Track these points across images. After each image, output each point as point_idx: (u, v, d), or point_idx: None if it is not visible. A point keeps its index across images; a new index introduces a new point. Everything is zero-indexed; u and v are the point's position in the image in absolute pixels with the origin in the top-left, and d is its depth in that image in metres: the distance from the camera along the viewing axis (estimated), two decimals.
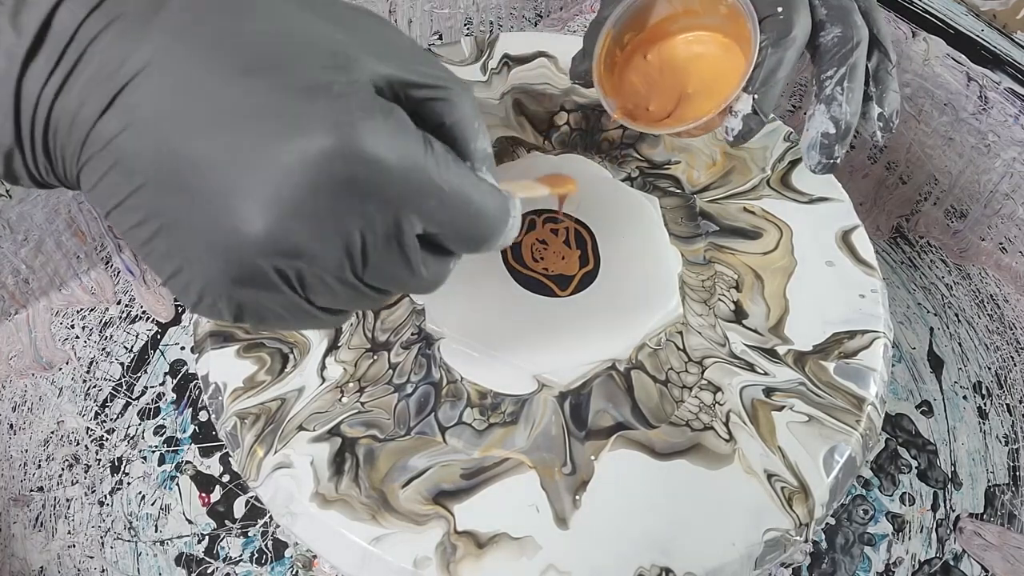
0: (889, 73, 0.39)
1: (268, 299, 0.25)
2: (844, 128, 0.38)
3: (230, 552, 0.43)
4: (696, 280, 0.41)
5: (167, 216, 0.23)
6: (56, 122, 0.23)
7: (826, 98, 0.38)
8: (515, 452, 0.35)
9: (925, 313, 0.54)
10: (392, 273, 0.26)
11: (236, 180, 0.22)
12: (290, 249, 0.23)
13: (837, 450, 0.35)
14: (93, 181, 0.23)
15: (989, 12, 0.51)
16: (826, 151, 0.39)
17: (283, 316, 0.26)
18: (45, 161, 0.24)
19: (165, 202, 0.23)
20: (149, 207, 0.23)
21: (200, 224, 0.23)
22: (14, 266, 0.49)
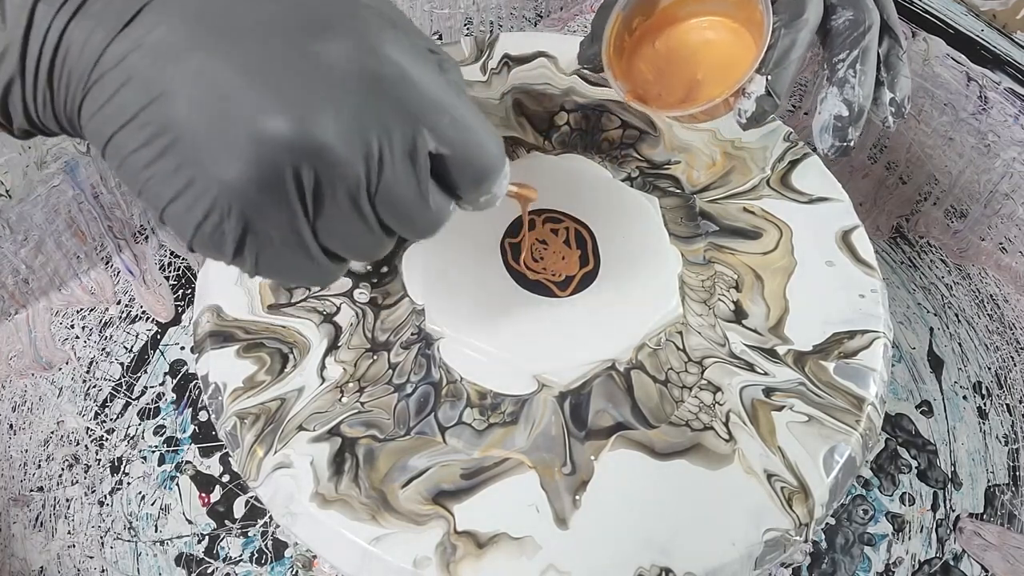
0: (900, 58, 0.39)
1: (275, 219, 0.24)
2: (857, 111, 0.38)
3: (230, 552, 0.43)
4: (696, 280, 0.41)
5: (181, 127, 0.23)
6: (66, 47, 0.23)
7: (839, 81, 0.38)
8: (515, 452, 0.35)
9: (925, 313, 0.54)
10: (402, 195, 0.25)
11: (263, 80, 0.22)
12: (314, 148, 0.23)
13: (837, 450, 0.35)
14: (100, 102, 0.23)
15: (989, 12, 0.51)
16: (839, 134, 0.39)
17: (283, 251, 0.25)
18: (46, 90, 0.24)
19: (180, 112, 0.23)
20: (162, 120, 0.23)
21: (218, 129, 0.23)
22: (14, 266, 0.49)
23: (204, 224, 0.24)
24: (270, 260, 0.25)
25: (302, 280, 0.27)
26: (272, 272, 0.26)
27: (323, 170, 0.23)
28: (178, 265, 0.53)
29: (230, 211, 0.23)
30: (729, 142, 0.46)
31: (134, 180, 0.24)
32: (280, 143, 0.22)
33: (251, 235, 0.24)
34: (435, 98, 0.25)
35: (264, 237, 0.25)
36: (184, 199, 0.23)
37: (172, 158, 0.23)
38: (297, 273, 0.27)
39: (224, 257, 0.25)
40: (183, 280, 0.53)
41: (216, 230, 0.24)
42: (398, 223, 0.26)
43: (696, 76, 0.42)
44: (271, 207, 0.24)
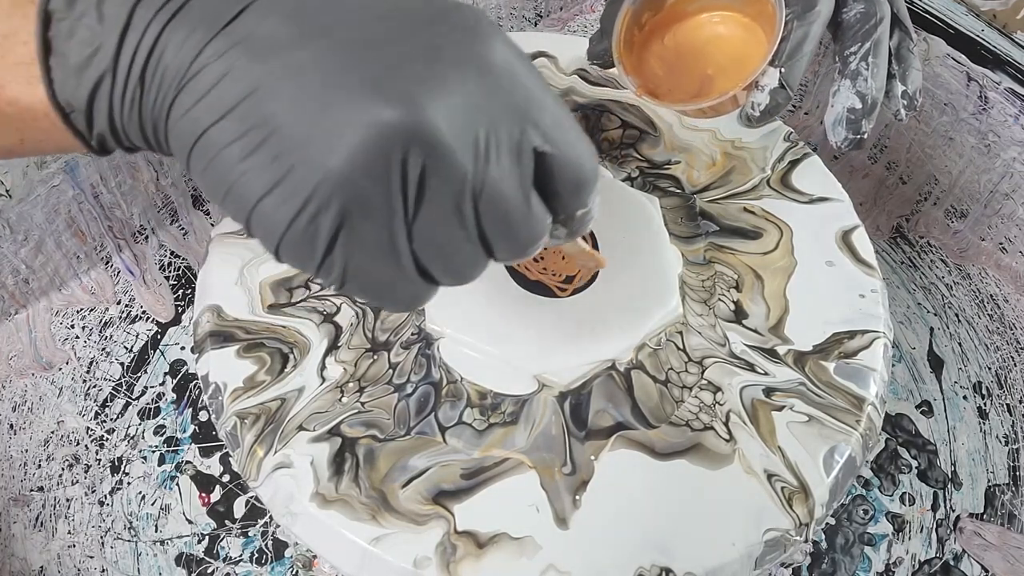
0: (911, 51, 0.39)
1: (374, 214, 0.23)
2: (871, 103, 0.38)
3: (230, 552, 0.43)
4: (696, 280, 0.41)
5: (282, 118, 0.22)
6: (163, 46, 0.23)
7: (851, 73, 0.38)
8: (515, 452, 0.35)
9: (925, 313, 0.54)
10: (507, 195, 0.24)
11: (370, 67, 0.22)
12: (424, 135, 0.22)
13: (837, 450, 0.35)
14: (196, 97, 0.23)
15: (989, 12, 0.51)
16: (853, 126, 0.39)
17: (375, 256, 0.24)
18: (136, 89, 0.24)
19: (282, 103, 0.22)
20: (262, 111, 0.22)
21: (323, 117, 0.22)
22: (14, 266, 0.49)
23: (299, 217, 0.23)
24: (360, 266, 0.24)
25: (387, 297, 0.26)
26: (359, 281, 0.25)
27: (431, 160, 0.22)
28: (178, 265, 0.53)
29: (329, 202, 0.23)
30: (729, 142, 0.46)
31: (226, 176, 0.23)
32: (389, 128, 0.22)
33: (345, 232, 0.23)
34: (539, 95, 0.24)
35: (358, 236, 0.23)
36: (280, 191, 0.23)
37: (270, 149, 0.22)
38: (384, 286, 0.25)
39: (313, 259, 0.24)
40: (183, 280, 0.53)
41: (310, 225, 0.23)
42: (498, 230, 0.25)
43: (707, 71, 0.42)
44: (373, 197, 0.23)
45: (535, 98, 0.24)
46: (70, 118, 0.25)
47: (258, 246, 0.40)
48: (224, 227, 0.41)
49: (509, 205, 0.24)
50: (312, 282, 0.40)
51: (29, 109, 0.25)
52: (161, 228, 0.54)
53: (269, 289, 0.39)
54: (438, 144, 0.22)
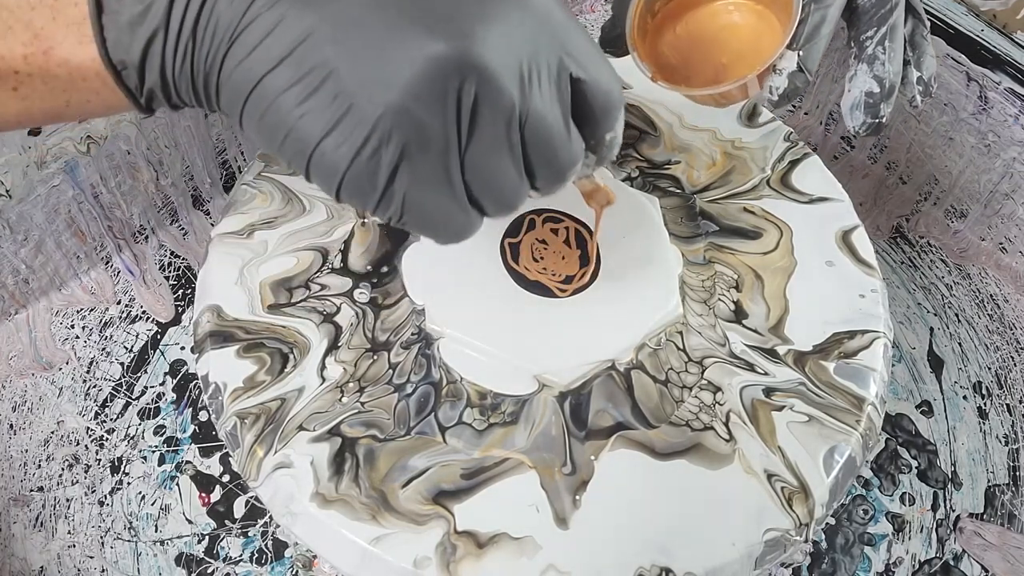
0: (924, 38, 0.39)
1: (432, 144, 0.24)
2: (889, 86, 0.38)
3: (230, 552, 0.43)
4: (696, 280, 0.41)
5: (338, 59, 0.23)
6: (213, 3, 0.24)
7: (868, 58, 0.38)
8: (515, 452, 0.35)
9: (925, 313, 0.54)
10: (549, 121, 0.26)
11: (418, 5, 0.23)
12: (475, 65, 0.23)
13: (837, 450, 0.35)
14: (250, 46, 0.24)
15: (989, 12, 0.51)
16: (872, 110, 0.39)
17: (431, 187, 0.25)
18: (189, 42, 0.24)
19: (338, 45, 0.23)
20: (318, 55, 0.23)
21: (378, 55, 0.23)
22: (14, 266, 0.49)
23: (361, 153, 0.24)
24: (416, 198, 0.25)
25: (440, 228, 0.27)
26: (414, 213, 0.26)
27: (483, 89, 0.24)
28: (178, 265, 0.53)
29: (390, 135, 0.24)
30: (729, 142, 0.46)
31: (284, 121, 0.24)
32: (444, 61, 0.23)
33: (404, 165, 0.24)
34: (573, 27, 0.26)
35: (416, 169, 0.25)
36: (340, 129, 0.24)
37: (328, 90, 0.23)
38: (438, 217, 0.26)
39: (375, 193, 0.25)
40: (183, 280, 0.53)
41: (372, 159, 0.24)
42: (541, 155, 0.26)
43: (721, 60, 0.41)
44: (430, 128, 0.24)
45: (569, 30, 0.26)
46: (121, 76, 0.25)
47: (258, 246, 0.41)
48: (224, 227, 0.41)
49: (551, 129, 0.26)
50: (312, 282, 0.40)
51: (79, 69, 0.25)
52: (161, 228, 0.54)
53: (269, 289, 0.39)
54: (489, 74, 0.24)
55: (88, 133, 0.48)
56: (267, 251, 0.40)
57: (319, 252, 0.41)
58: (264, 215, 0.42)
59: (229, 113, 0.26)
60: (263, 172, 0.43)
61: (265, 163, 0.44)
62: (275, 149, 0.25)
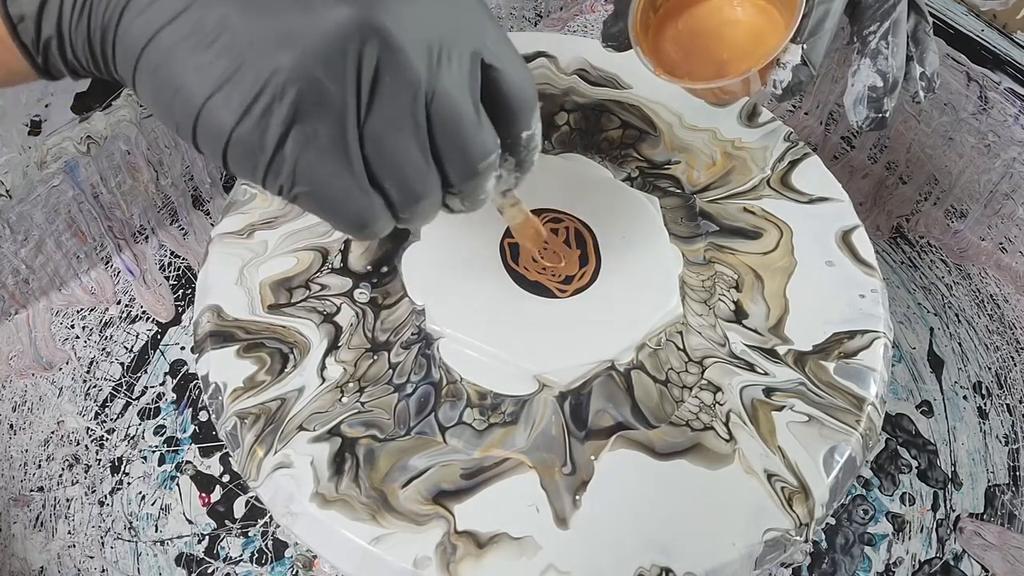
0: (927, 33, 0.39)
1: (327, 106, 0.23)
2: (892, 81, 0.38)
3: (230, 552, 0.43)
4: (696, 280, 0.41)
5: (238, 16, 0.23)
6: None
7: (871, 52, 0.38)
8: (515, 452, 0.35)
9: (925, 313, 0.54)
10: (458, 104, 0.25)
11: None
12: (380, 31, 0.23)
13: (837, 450, 0.35)
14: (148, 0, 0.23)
15: (989, 12, 0.51)
16: (875, 104, 0.39)
17: (326, 156, 0.24)
18: None
19: (237, 1, 0.23)
20: (217, 10, 0.23)
21: (278, 10, 0.23)
22: (14, 266, 0.49)
23: (251, 110, 0.23)
24: (310, 167, 0.24)
25: (338, 209, 0.26)
26: (309, 186, 0.25)
27: (386, 57, 0.23)
28: (178, 265, 0.53)
29: (283, 93, 0.23)
30: (729, 142, 0.46)
31: (175, 76, 0.23)
32: (346, 23, 0.23)
33: (297, 128, 0.24)
34: (486, 16, 0.26)
35: (310, 134, 0.24)
36: (231, 84, 0.23)
37: (223, 44, 0.23)
38: (335, 195, 0.25)
39: (263, 156, 0.24)
40: (183, 280, 0.53)
41: (262, 119, 0.23)
42: (449, 141, 0.25)
43: (723, 55, 0.41)
44: (326, 89, 0.23)
45: (484, 18, 0.26)
46: (17, 29, 0.25)
47: (258, 246, 0.41)
48: (224, 227, 0.41)
49: (460, 113, 0.25)
50: (312, 282, 0.40)
51: None
52: (161, 228, 0.54)
53: (269, 289, 0.39)
54: (394, 43, 0.23)
55: (88, 133, 0.48)
56: (267, 251, 0.40)
57: (319, 252, 0.41)
58: (264, 215, 0.42)
59: (123, 74, 0.25)
60: None
61: None
62: (164, 109, 0.24)
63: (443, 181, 0.27)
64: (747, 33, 0.41)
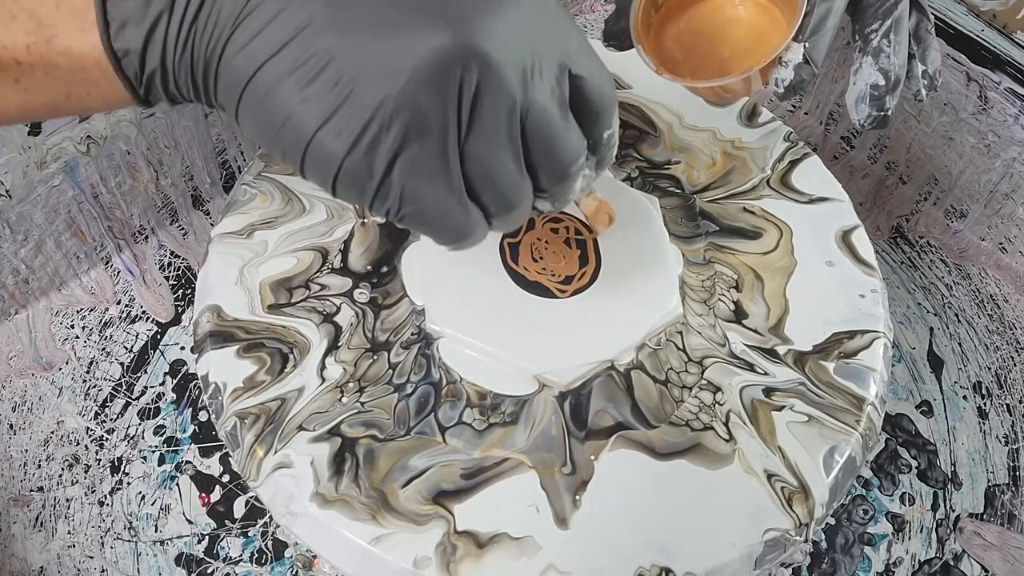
0: (929, 32, 0.39)
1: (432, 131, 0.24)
2: (894, 79, 0.38)
3: (230, 552, 0.43)
4: (696, 280, 0.41)
5: (342, 47, 0.23)
6: None
7: (873, 50, 0.38)
8: (515, 452, 0.35)
9: (925, 313, 0.54)
10: (550, 115, 0.26)
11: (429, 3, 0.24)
12: (478, 54, 0.23)
13: (837, 450, 0.35)
14: (252, 32, 0.24)
15: (989, 12, 0.51)
16: (877, 103, 0.39)
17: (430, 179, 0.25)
18: (191, 28, 0.24)
19: (342, 34, 0.23)
20: (319, 42, 0.23)
21: (380, 42, 0.23)
22: (14, 266, 0.49)
23: (360, 141, 0.24)
24: (415, 190, 0.25)
25: (440, 225, 0.27)
26: (413, 206, 0.26)
27: (484, 79, 0.24)
28: (178, 265, 0.53)
29: (390, 123, 0.24)
30: (729, 142, 0.46)
31: (282, 109, 0.24)
32: (447, 49, 0.23)
33: (404, 154, 0.24)
34: (571, 25, 0.27)
35: (414, 159, 0.25)
36: (339, 117, 0.24)
37: (329, 78, 0.23)
38: (437, 212, 0.26)
39: (372, 184, 0.25)
40: (183, 280, 0.53)
41: (370, 147, 0.24)
42: (541, 149, 0.27)
43: (725, 54, 0.41)
44: (430, 116, 0.24)
45: (569, 28, 0.27)
46: (122, 64, 0.25)
47: (258, 246, 0.41)
48: (224, 227, 0.41)
49: (552, 122, 0.26)
50: (312, 282, 0.40)
51: (81, 58, 0.25)
52: (161, 228, 0.54)
53: (269, 289, 0.39)
54: (492, 64, 0.24)
55: (88, 133, 0.48)
56: (267, 251, 0.40)
57: (319, 252, 0.41)
58: (264, 215, 0.42)
59: (225, 105, 0.25)
60: (263, 172, 0.43)
61: (265, 163, 0.44)
62: (271, 139, 0.25)
63: (535, 186, 0.28)
64: (749, 32, 0.41)
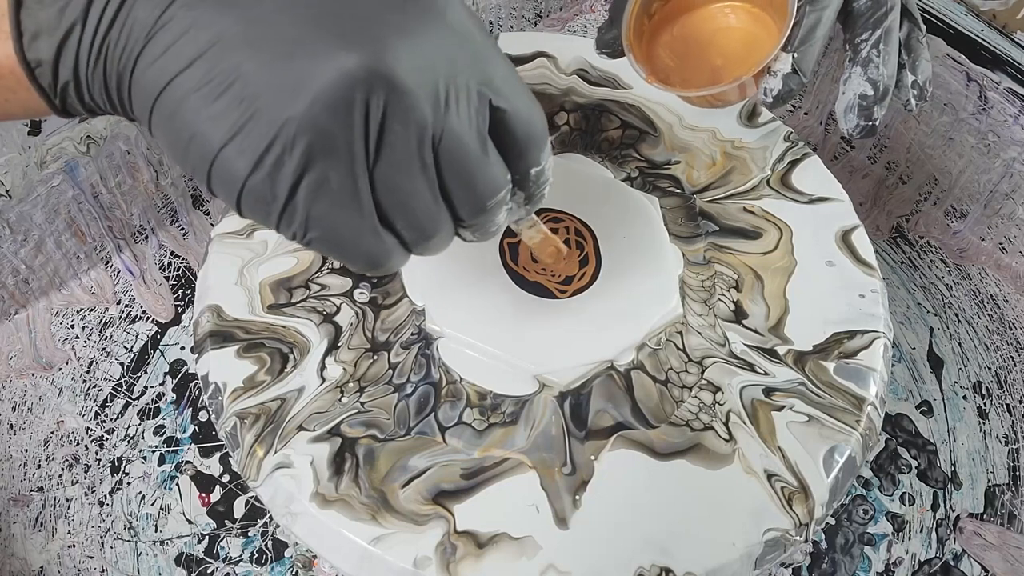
0: (920, 41, 0.39)
1: (338, 154, 0.23)
2: (883, 90, 0.38)
3: (230, 552, 0.43)
4: (696, 280, 0.41)
5: (247, 64, 0.23)
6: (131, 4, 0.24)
7: (862, 61, 0.38)
8: (515, 452, 0.35)
9: (925, 313, 0.54)
10: (466, 144, 0.25)
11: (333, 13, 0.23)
12: (386, 78, 0.23)
13: (837, 450, 0.35)
14: (164, 46, 0.23)
15: (989, 12, 0.51)
16: (865, 113, 0.39)
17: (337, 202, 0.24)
18: (104, 40, 0.24)
19: (249, 51, 0.23)
20: (227, 59, 0.23)
21: (287, 62, 0.23)
22: (14, 266, 0.49)
23: (263, 160, 0.23)
24: (322, 213, 0.24)
25: (350, 251, 0.26)
26: (321, 231, 0.25)
27: (393, 103, 0.23)
28: (178, 265, 0.53)
29: (293, 143, 0.23)
30: (729, 142, 0.46)
31: (190, 124, 0.24)
32: (354, 71, 0.23)
33: (308, 177, 0.24)
34: (494, 53, 0.26)
35: (321, 181, 0.24)
36: (243, 135, 0.23)
37: (236, 94, 0.23)
38: (347, 238, 0.25)
39: (276, 205, 0.24)
40: (183, 280, 0.53)
41: (274, 167, 0.23)
42: (457, 179, 0.26)
43: (717, 62, 0.41)
44: (336, 139, 0.23)
45: (491, 55, 0.26)
46: (35, 73, 0.25)
47: (258, 246, 0.41)
48: (224, 227, 0.41)
49: (467, 152, 0.25)
50: (312, 282, 0.40)
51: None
52: (161, 228, 0.54)
53: (269, 289, 0.39)
54: (400, 88, 0.23)
55: (88, 133, 0.48)
56: (267, 251, 0.40)
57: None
58: None
59: (140, 118, 0.25)
60: None
61: None
62: (180, 154, 0.25)
63: (454, 217, 0.27)
64: (740, 40, 0.41)
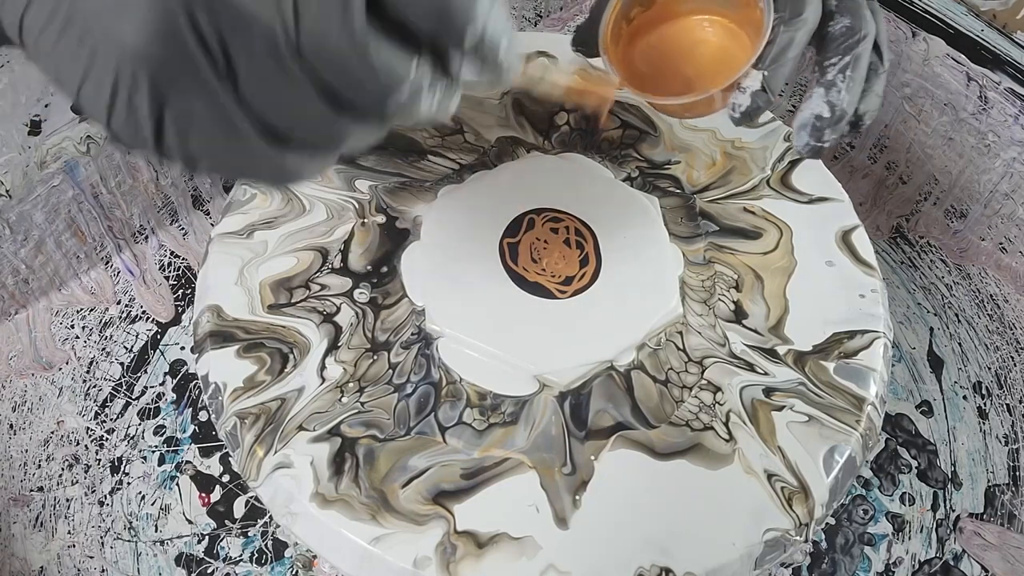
0: (878, 75, 0.39)
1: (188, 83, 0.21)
2: (838, 114, 0.38)
3: (230, 552, 0.43)
4: (696, 280, 0.41)
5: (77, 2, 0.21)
6: None
7: (827, 83, 0.38)
8: (515, 452, 0.35)
9: (925, 313, 0.54)
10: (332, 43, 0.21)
11: None
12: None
13: (837, 450, 0.35)
14: None
15: (989, 12, 0.51)
16: (816, 134, 0.39)
17: (210, 125, 0.22)
18: None
19: None
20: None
21: None
22: (14, 266, 0.49)
23: (116, 102, 0.21)
24: (199, 140, 0.22)
25: (248, 170, 0.24)
26: (208, 159, 0.23)
27: (224, 19, 0.21)
28: (178, 265, 0.53)
29: (137, 81, 0.21)
30: (729, 142, 0.46)
31: (48, 65, 0.22)
32: None
33: (169, 109, 0.22)
34: None
35: (184, 109, 0.22)
36: (92, 76, 0.21)
37: (74, 33, 0.21)
38: (237, 159, 0.23)
39: (148, 142, 0.22)
40: (183, 280, 0.53)
41: (130, 107, 0.21)
42: (340, 81, 0.22)
43: (689, 74, 0.42)
44: (180, 69, 0.21)
45: None
46: None
47: (258, 246, 0.41)
48: (224, 227, 0.41)
49: (336, 50, 0.21)
50: (312, 282, 0.40)
51: None
52: (161, 228, 0.54)
53: (269, 289, 0.39)
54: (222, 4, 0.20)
55: (88, 133, 0.48)
56: (267, 251, 0.41)
57: (319, 252, 0.41)
58: (264, 215, 0.42)
59: None
60: None
61: None
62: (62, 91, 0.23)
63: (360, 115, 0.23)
64: (715, 54, 0.42)
